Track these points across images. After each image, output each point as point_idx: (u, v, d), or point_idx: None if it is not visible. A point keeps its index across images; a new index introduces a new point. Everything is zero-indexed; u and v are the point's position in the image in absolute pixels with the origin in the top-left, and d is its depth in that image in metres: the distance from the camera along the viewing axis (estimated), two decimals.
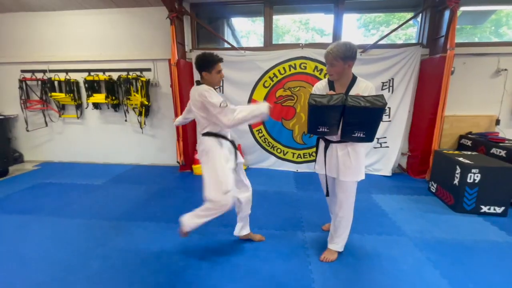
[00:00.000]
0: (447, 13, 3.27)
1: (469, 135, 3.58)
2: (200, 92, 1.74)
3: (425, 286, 1.71)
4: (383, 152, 3.87)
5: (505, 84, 3.56)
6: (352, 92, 1.72)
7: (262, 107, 1.77)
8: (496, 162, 2.68)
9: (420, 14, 3.68)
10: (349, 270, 1.86)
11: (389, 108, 3.74)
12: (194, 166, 3.98)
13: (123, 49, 4.12)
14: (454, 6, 3.09)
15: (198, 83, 1.84)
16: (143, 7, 3.95)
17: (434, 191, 3.17)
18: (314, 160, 4.13)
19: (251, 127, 4.05)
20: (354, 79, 1.75)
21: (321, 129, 1.68)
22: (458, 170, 2.68)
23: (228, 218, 2.32)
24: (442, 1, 3.28)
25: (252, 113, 1.75)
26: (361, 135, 1.62)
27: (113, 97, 4.13)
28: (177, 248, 2.10)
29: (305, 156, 4.06)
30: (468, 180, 2.61)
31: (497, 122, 3.62)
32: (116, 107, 4.24)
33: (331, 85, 1.83)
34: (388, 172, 3.83)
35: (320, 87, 1.88)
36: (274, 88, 3.87)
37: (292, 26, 5.74)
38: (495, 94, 3.62)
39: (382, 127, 3.80)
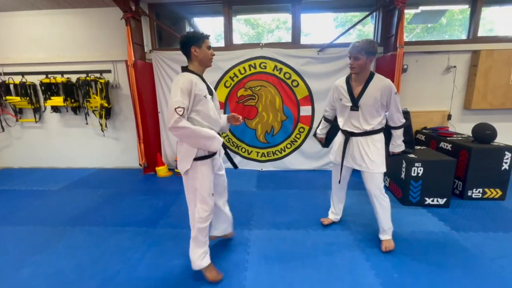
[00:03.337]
0: (396, 13, 3.37)
1: (424, 130, 3.71)
2: (175, 80, 1.55)
3: (353, 278, 1.76)
4: None
5: (454, 80, 3.70)
6: (369, 90, 1.90)
7: (217, 142, 1.61)
8: (438, 155, 2.80)
9: (375, 14, 3.79)
10: (283, 267, 1.88)
11: None
12: (157, 168, 3.94)
13: (81, 51, 4.02)
14: (401, 6, 3.19)
15: (185, 69, 1.64)
16: (100, 8, 3.86)
17: (388, 185, 3.27)
18: (278, 159, 4.14)
19: None
20: (371, 75, 1.92)
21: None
22: (404, 164, 2.78)
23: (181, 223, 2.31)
24: (391, 1, 3.38)
25: (206, 133, 1.57)
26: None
27: (72, 100, 4.04)
28: (115, 252, 2.07)
29: (269, 155, 4.09)
30: (413, 174, 2.71)
31: (449, 117, 3.77)
32: (76, 110, 4.14)
33: (347, 82, 2.00)
34: None
35: (339, 84, 2.06)
36: (235, 87, 3.88)
37: (272, 25, 5.81)
38: (447, 90, 3.76)
39: None
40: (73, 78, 4.03)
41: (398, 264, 1.88)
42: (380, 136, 2.01)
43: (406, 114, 2.08)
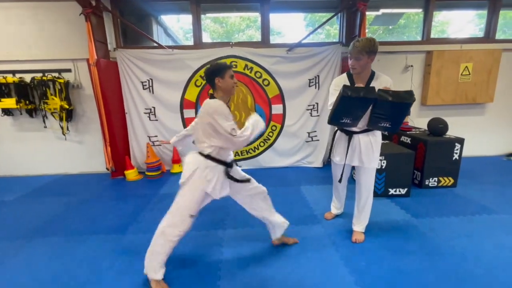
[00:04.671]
0: (359, 14, 3.55)
1: None
2: (209, 112, 1.62)
3: (324, 269, 1.84)
4: (314, 145, 4.09)
5: (412, 78, 4.00)
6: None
7: (261, 124, 1.75)
8: (399, 148, 3.01)
9: (340, 15, 3.95)
10: (257, 264, 1.91)
11: (317, 103, 3.96)
12: (126, 172, 3.77)
13: (35, 48, 3.71)
14: (362, 8, 3.37)
15: (212, 96, 1.74)
16: (57, 2, 3.59)
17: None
18: (252, 157, 4.10)
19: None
20: (373, 73, 1.90)
21: (344, 120, 1.82)
22: None
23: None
24: (354, 3, 3.55)
25: (256, 126, 1.70)
26: (387, 125, 1.78)
27: (27, 102, 3.72)
28: (81, 263, 1.96)
29: (243, 154, 4.10)
30: (377, 167, 2.88)
31: (409, 112, 4.06)
32: (31, 112, 3.81)
33: (351, 79, 1.93)
34: (319, 164, 4.07)
35: (339, 82, 1.96)
36: (206, 87, 3.83)
37: (242, 24, 5.79)
38: (405, 88, 4.01)
39: (312, 121, 4.02)
40: (27, 77, 3.71)
41: (365, 253, 2.00)
42: (379, 132, 2.01)
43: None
